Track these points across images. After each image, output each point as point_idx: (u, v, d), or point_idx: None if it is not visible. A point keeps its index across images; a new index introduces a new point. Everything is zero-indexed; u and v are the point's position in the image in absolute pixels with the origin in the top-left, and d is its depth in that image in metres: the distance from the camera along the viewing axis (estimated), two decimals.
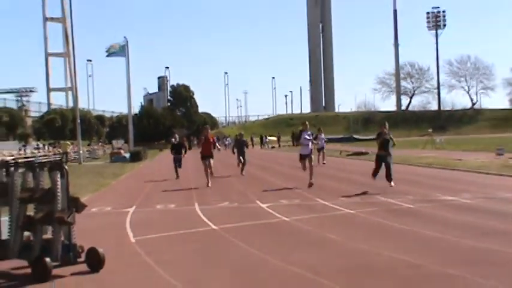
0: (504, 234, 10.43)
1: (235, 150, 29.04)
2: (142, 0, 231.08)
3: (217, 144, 24.39)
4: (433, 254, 9.01)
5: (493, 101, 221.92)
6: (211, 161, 22.43)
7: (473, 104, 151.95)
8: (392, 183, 18.32)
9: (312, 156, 21.13)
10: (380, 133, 19.32)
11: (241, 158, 28.10)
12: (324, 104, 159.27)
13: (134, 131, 65.71)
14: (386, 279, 7.70)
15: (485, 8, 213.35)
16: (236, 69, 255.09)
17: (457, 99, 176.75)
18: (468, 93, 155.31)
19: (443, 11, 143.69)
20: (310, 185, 19.90)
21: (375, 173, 19.21)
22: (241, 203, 16.65)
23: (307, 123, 21.56)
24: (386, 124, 19.20)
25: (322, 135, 36.03)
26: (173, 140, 28.94)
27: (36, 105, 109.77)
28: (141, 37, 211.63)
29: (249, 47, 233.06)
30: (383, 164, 18.85)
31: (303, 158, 20.81)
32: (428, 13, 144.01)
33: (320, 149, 34.56)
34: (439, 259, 8.63)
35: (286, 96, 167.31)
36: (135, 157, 51.34)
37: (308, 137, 20.67)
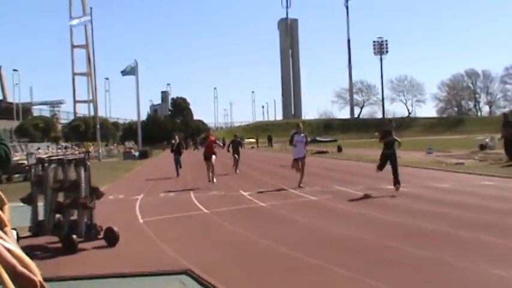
0: (431, 215, 10.54)
1: (230, 149, 26.59)
2: (149, 28, 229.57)
3: (218, 142, 21.44)
4: (375, 230, 9.12)
5: (424, 111, 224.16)
6: (214, 157, 19.42)
7: (409, 114, 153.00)
8: (398, 185, 14.67)
9: (305, 160, 17.48)
10: (386, 131, 15.47)
11: (236, 155, 25.77)
12: (293, 113, 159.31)
13: (142, 134, 65.38)
14: (338, 248, 7.84)
15: (419, 39, 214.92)
16: (224, 85, 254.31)
17: (397, 109, 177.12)
18: (405, 104, 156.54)
19: (386, 40, 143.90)
20: (300, 186, 16.53)
21: (380, 167, 15.33)
22: (227, 192, 16.64)
23: (301, 125, 18.24)
24: (393, 123, 15.94)
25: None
26: (173, 141, 25.42)
27: (65, 114, 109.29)
28: (148, 58, 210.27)
29: (234, 67, 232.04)
30: (387, 163, 15.08)
31: (296, 160, 17.19)
32: (374, 42, 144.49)
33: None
34: (380, 233, 8.75)
35: (263, 106, 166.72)
36: (143, 155, 51.08)
37: (301, 139, 17.27)
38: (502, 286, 5.70)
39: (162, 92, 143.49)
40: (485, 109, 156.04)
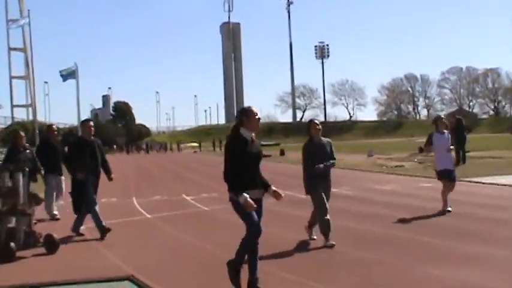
0: (373, 216, 10.76)
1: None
2: (89, 31, 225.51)
3: None
4: (315, 233, 9.21)
5: (365, 114, 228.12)
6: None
7: (351, 117, 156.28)
8: None
9: None
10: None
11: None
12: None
13: None
14: (276, 248, 7.88)
15: (359, 42, 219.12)
16: (166, 89, 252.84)
17: (338, 113, 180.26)
18: (347, 108, 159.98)
19: (327, 45, 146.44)
20: None
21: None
22: (170, 196, 16.46)
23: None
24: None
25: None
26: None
27: (2, 119, 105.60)
28: (89, 61, 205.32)
29: (176, 71, 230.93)
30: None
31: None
32: (315, 46, 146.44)
33: None
34: (319, 236, 8.85)
35: (205, 110, 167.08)
36: None
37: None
38: (441, 286, 5.86)
39: (103, 96, 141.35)
40: (424, 112, 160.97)
